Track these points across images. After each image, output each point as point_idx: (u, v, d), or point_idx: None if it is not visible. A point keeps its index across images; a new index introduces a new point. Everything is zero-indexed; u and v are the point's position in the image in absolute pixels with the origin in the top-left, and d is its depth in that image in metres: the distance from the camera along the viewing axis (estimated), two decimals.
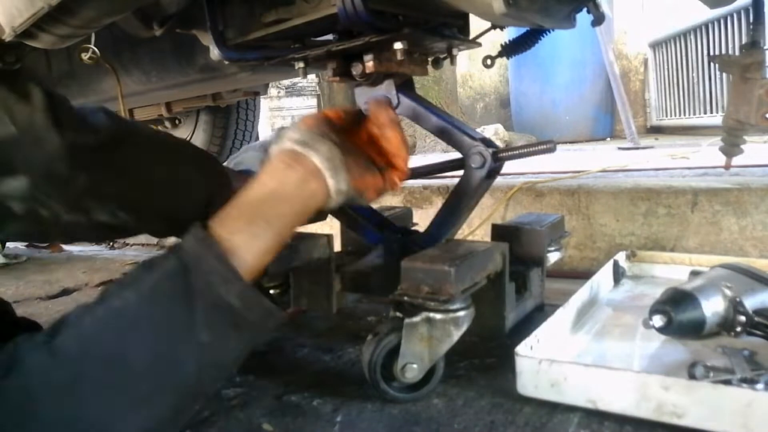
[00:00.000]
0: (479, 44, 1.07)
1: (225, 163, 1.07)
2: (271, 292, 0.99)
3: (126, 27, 1.14)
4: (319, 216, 1.08)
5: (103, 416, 0.55)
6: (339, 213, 1.07)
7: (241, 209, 0.67)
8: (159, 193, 0.87)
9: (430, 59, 1.05)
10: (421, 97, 1.01)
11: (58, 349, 0.55)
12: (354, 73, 0.95)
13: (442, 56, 1.06)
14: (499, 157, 0.91)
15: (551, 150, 0.87)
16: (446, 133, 0.95)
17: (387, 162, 0.79)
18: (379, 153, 0.79)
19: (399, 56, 0.88)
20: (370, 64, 0.92)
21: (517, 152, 0.90)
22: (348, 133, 0.78)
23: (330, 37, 1.02)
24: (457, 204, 0.94)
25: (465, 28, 1.03)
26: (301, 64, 0.99)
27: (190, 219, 0.80)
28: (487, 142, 0.92)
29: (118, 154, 0.81)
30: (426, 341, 0.79)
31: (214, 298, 0.60)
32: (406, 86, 1.01)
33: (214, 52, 0.98)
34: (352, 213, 1.05)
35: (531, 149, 0.89)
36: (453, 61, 1.05)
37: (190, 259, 0.61)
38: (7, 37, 0.88)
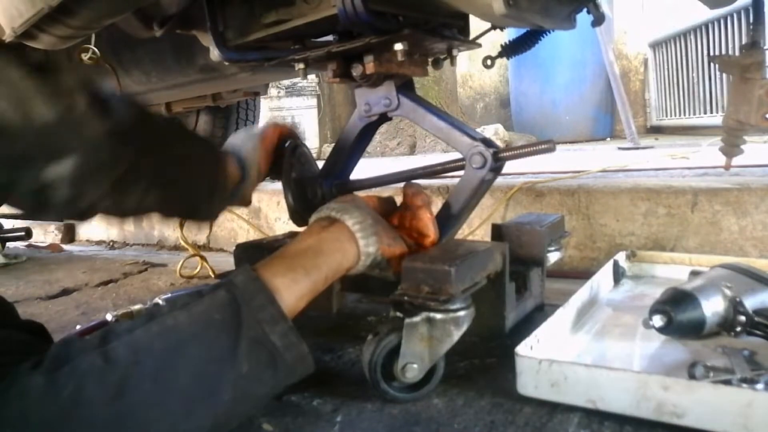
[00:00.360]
0: (479, 45, 1.07)
1: None
2: None
3: (126, 28, 1.14)
4: None
5: (146, 424, 0.58)
6: None
7: (282, 258, 0.75)
8: (181, 170, 0.91)
9: (429, 60, 1.06)
10: (422, 97, 1.01)
11: (110, 354, 0.59)
12: (354, 74, 0.95)
13: (442, 57, 1.06)
14: (499, 157, 0.91)
15: (551, 150, 0.88)
16: (446, 134, 0.95)
17: (415, 241, 0.86)
18: (409, 234, 0.86)
19: (399, 57, 0.88)
20: (370, 65, 0.92)
21: (517, 152, 0.90)
22: (382, 215, 0.86)
23: (330, 37, 1.02)
24: (458, 204, 0.94)
25: (465, 28, 1.03)
26: (302, 66, 0.99)
27: (200, 195, 0.93)
28: (488, 143, 0.92)
29: (147, 136, 0.84)
30: (426, 341, 0.79)
31: (259, 334, 0.65)
32: (406, 87, 1.01)
33: (214, 53, 0.98)
34: None
35: (531, 149, 0.89)
36: (453, 62, 1.05)
37: (241, 294, 0.66)
38: (8, 37, 0.88)
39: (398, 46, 0.87)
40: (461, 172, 0.94)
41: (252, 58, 1.01)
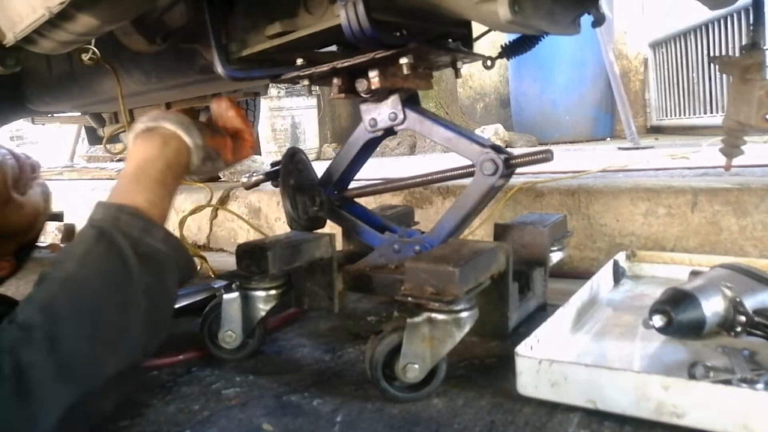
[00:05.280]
0: (483, 56, 1.06)
1: None
2: (273, 292, 0.99)
3: (129, 43, 1.14)
4: (317, 223, 1.08)
5: (87, 363, 0.65)
6: (339, 218, 1.07)
7: (129, 181, 0.78)
8: None
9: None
10: (427, 110, 1.01)
11: (23, 324, 0.63)
12: (359, 89, 0.94)
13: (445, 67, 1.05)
14: (511, 163, 0.91)
15: (549, 158, 0.89)
16: (456, 143, 0.94)
17: (236, 135, 0.93)
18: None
19: (405, 71, 0.87)
20: (375, 80, 0.91)
21: (526, 160, 0.91)
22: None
23: (334, 48, 1.01)
24: (465, 209, 0.94)
25: (468, 38, 1.02)
26: (306, 82, 0.98)
27: None
28: (498, 149, 0.92)
29: None
30: (428, 341, 0.79)
31: (141, 247, 0.70)
32: (411, 100, 1.00)
33: (218, 70, 0.97)
34: (352, 217, 1.05)
35: (534, 158, 0.90)
36: (458, 74, 1.04)
37: (104, 224, 0.71)
38: (9, 42, 0.88)
39: (403, 60, 0.87)
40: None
41: (256, 76, 1.00)
